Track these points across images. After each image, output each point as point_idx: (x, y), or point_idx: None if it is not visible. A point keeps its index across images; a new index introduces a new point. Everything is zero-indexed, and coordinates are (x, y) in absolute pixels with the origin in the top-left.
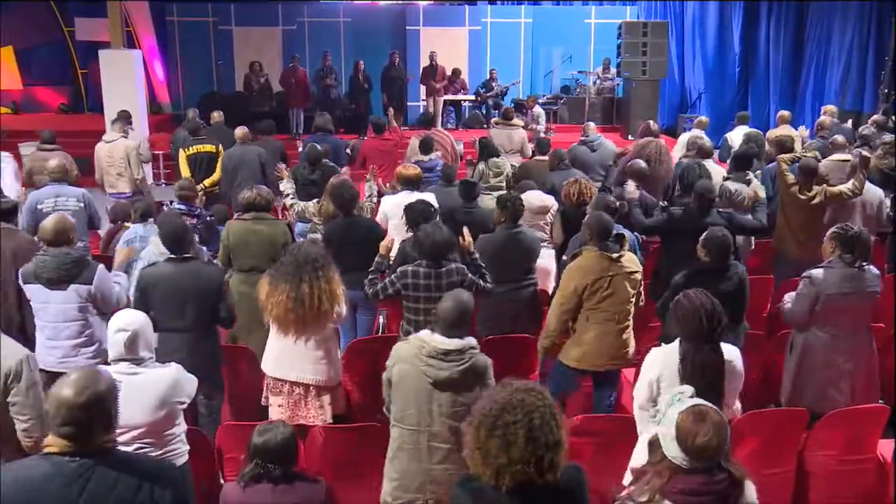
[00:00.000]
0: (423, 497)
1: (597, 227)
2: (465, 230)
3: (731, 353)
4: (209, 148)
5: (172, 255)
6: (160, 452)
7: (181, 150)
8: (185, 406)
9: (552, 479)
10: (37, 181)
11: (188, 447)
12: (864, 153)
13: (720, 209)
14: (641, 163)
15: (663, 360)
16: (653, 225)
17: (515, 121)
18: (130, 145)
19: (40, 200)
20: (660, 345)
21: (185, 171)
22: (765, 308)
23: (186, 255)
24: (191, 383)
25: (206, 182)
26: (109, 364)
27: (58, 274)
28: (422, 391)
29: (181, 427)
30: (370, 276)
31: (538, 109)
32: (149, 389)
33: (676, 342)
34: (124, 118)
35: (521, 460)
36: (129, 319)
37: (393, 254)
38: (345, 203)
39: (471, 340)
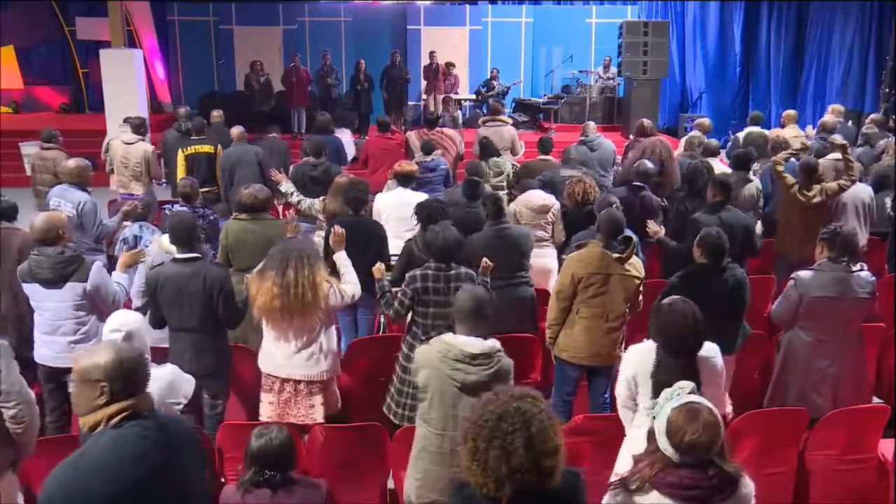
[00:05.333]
0: (445, 499)
1: (606, 224)
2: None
3: (709, 349)
4: (207, 148)
5: (178, 256)
6: None
7: (180, 150)
8: (181, 407)
9: (550, 486)
10: (38, 179)
11: None
12: (836, 139)
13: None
14: (648, 163)
15: (638, 358)
16: (687, 247)
17: (504, 117)
18: (149, 150)
19: (50, 198)
20: None
21: (181, 171)
22: (765, 308)
23: (192, 255)
24: (187, 384)
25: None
26: None
27: (53, 273)
28: (447, 395)
29: None
30: (382, 301)
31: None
32: None
33: (651, 342)
34: (136, 125)
35: (520, 469)
36: (123, 320)
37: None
38: (352, 201)
39: (495, 343)
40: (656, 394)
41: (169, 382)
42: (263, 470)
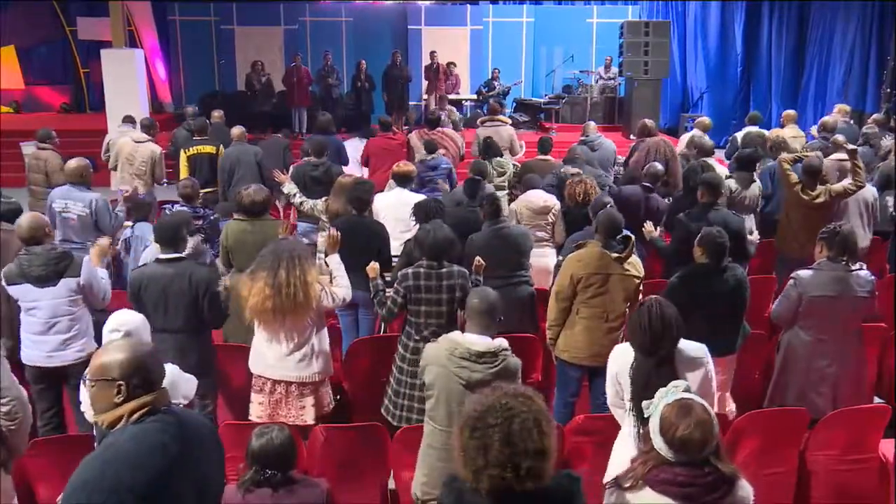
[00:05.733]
0: None
1: (605, 223)
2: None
3: (696, 350)
4: (209, 149)
5: (161, 256)
6: None
7: (182, 151)
8: (182, 406)
9: (533, 488)
10: (32, 179)
11: None
12: (838, 139)
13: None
14: (658, 165)
15: (621, 358)
16: (673, 248)
17: (501, 117)
18: (157, 151)
19: (53, 200)
20: None
21: (184, 172)
22: (766, 308)
23: (177, 256)
24: (188, 383)
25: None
26: None
27: (46, 270)
28: (453, 393)
29: None
30: (376, 300)
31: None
32: None
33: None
34: (147, 126)
35: (497, 464)
36: (123, 320)
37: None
38: (355, 202)
39: (503, 342)
40: (635, 393)
41: (170, 382)
42: (264, 469)
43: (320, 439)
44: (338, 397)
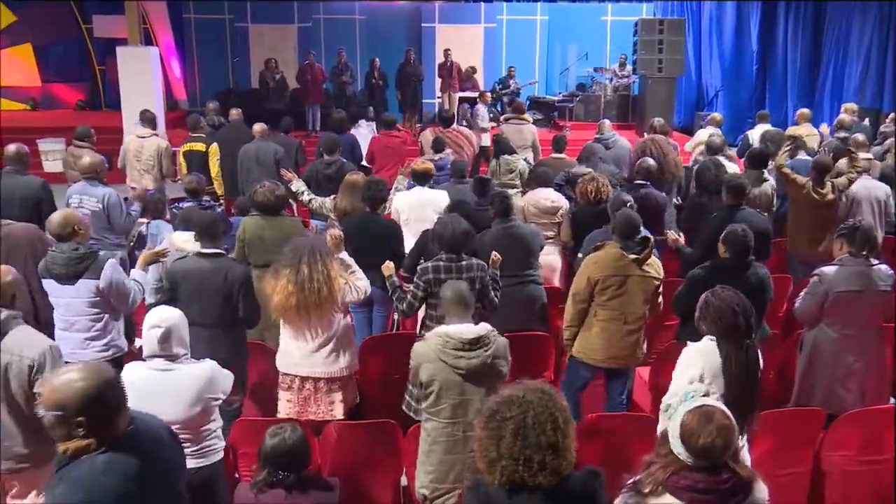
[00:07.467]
0: (462, 485)
1: (622, 224)
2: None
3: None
4: (199, 147)
5: (202, 251)
6: (196, 448)
7: (179, 148)
8: (220, 402)
9: (546, 483)
10: (69, 176)
11: (224, 443)
12: (858, 139)
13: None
14: (650, 160)
15: (704, 356)
16: (699, 254)
17: (526, 116)
18: (162, 145)
19: (70, 196)
20: (678, 340)
21: (182, 168)
22: (781, 307)
23: (216, 251)
24: (226, 379)
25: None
26: (144, 360)
27: (66, 269)
28: (454, 385)
29: (217, 423)
30: (394, 297)
31: (481, 109)
32: (183, 386)
33: (707, 340)
34: (149, 120)
35: (509, 456)
36: (163, 316)
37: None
38: (369, 200)
39: (486, 325)
40: (729, 388)
41: (208, 379)
42: (277, 470)
43: (333, 436)
44: None
